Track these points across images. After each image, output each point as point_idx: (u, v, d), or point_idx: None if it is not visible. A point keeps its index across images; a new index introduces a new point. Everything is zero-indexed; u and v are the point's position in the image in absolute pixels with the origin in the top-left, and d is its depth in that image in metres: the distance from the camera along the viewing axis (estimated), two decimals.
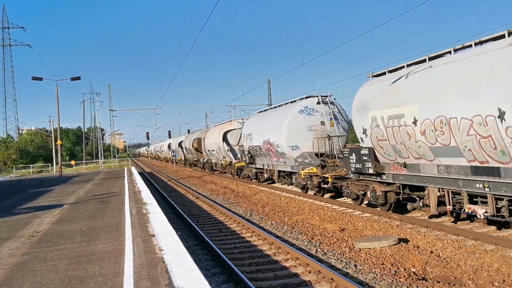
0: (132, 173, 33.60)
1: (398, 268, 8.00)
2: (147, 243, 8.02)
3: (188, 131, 66.81)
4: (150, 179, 34.14)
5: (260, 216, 14.67)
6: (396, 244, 9.47)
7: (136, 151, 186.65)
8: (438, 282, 7.21)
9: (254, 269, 8.48)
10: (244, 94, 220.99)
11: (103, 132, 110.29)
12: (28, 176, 42.79)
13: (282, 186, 21.86)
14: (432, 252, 8.96)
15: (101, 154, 70.65)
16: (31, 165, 53.46)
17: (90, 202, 15.73)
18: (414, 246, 9.39)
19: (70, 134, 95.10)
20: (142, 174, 39.42)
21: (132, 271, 6.20)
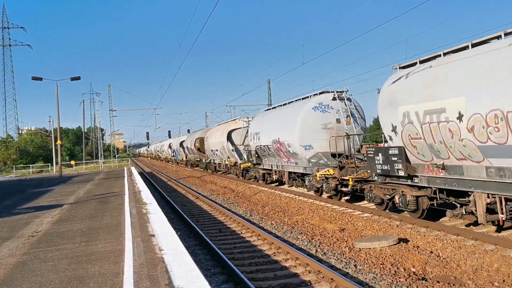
0: (132, 173, 33.60)
1: (398, 268, 8.00)
2: (147, 243, 8.02)
3: (188, 131, 66.87)
4: (150, 179, 34.15)
5: (260, 216, 14.68)
6: (396, 244, 9.47)
7: (136, 151, 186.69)
8: (438, 282, 7.22)
9: (254, 269, 8.48)
10: (244, 94, 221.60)
11: (103, 132, 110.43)
12: (28, 176, 42.79)
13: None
14: (432, 252, 8.97)
15: (101, 154, 70.67)
16: (31, 165, 53.50)
17: (90, 202, 15.73)
18: (414, 246, 9.39)
19: (70, 134, 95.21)
20: (142, 174, 39.43)
21: (132, 271, 6.21)
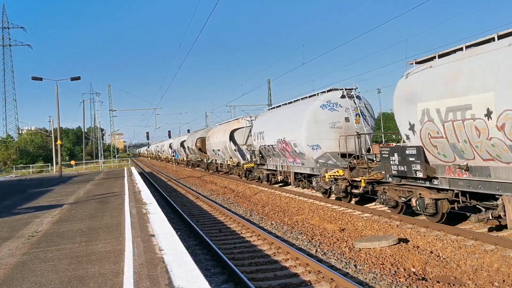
0: (132, 173, 33.60)
1: (398, 268, 8.00)
2: (147, 243, 8.02)
3: (188, 131, 66.86)
4: (150, 179, 34.15)
5: (260, 216, 14.68)
6: (396, 244, 9.47)
7: (136, 151, 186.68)
8: (438, 282, 7.22)
9: (254, 269, 8.48)
10: (244, 94, 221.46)
11: (103, 132, 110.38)
12: (28, 176, 42.79)
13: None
14: (432, 252, 8.97)
15: (101, 154, 70.64)
16: (31, 165, 53.49)
17: (90, 202, 15.73)
18: (414, 246, 9.39)
19: (70, 134, 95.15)
20: (142, 174, 39.42)
21: (132, 271, 6.21)
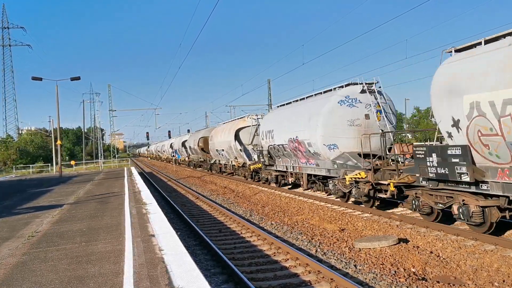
0: (132, 173, 33.60)
1: (398, 268, 8.01)
2: (147, 243, 8.02)
3: (188, 131, 66.85)
4: (150, 179, 34.16)
5: (260, 216, 14.68)
6: (396, 244, 9.47)
7: (136, 151, 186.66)
8: (438, 282, 7.22)
9: (254, 269, 8.48)
10: (244, 94, 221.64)
11: (103, 132, 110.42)
12: (28, 176, 42.79)
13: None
14: (432, 252, 8.97)
15: (101, 154, 70.72)
16: (31, 165, 53.48)
17: (90, 202, 15.73)
18: (414, 246, 9.40)
19: (70, 134, 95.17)
20: (142, 174, 39.43)
21: (132, 271, 6.21)
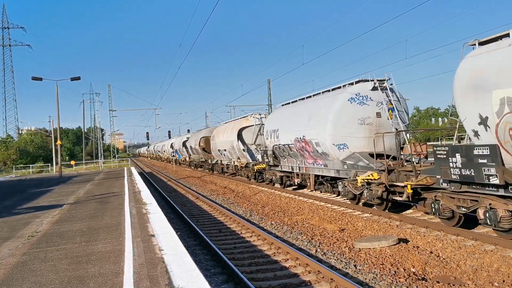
0: (132, 173, 33.60)
1: (398, 268, 8.01)
2: (147, 243, 8.02)
3: (188, 131, 66.87)
4: (150, 179, 34.16)
5: (260, 216, 14.68)
6: (396, 244, 9.47)
7: (136, 151, 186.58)
8: (438, 282, 7.22)
9: (254, 269, 8.49)
10: (244, 94, 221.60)
11: (103, 132, 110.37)
12: (28, 176, 42.78)
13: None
14: (431, 252, 8.97)
15: (101, 154, 70.69)
16: (31, 165, 53.45)
17: (90, 202, 15.73)
18: (414, 246, 9.40)
19: (70, 134, 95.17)
20: (142, 174, 39.43)
21: (132, 271, 6.21)
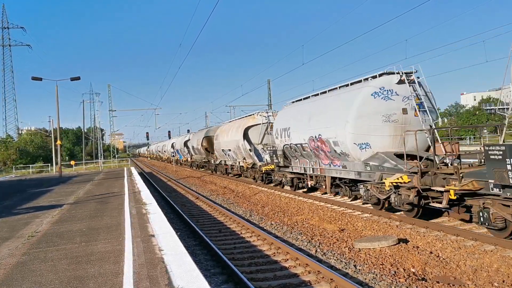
0: (131, 173, 33.60)
1: (398, 269, 8.01)
2: (147, 243, 8.02)
3: (188, 131, 66.80)
4: (149, 179, 34.15)
5: (259, 217, 14.68)
6: (395, 245, 9.47)
7: (136, 151, 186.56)
8: (438, 282, 7.22)
9: (254, 269, 8.49)
10: (244, 94, 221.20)
11: (103, 132, 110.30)
12: (28, 176, 42.77)
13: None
14: (431, 252, 8.98)
15: (101, 154, 70.70)
16: (30, 165, 53.47)
17: (90, 202, 15.73)
18: (414, 247, 9.40)
19: (69, 134, 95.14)
20: (141, 174, 39.42)
21: (131, 271, 6.21)
